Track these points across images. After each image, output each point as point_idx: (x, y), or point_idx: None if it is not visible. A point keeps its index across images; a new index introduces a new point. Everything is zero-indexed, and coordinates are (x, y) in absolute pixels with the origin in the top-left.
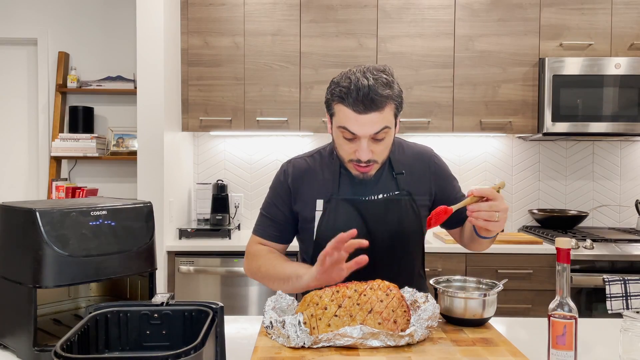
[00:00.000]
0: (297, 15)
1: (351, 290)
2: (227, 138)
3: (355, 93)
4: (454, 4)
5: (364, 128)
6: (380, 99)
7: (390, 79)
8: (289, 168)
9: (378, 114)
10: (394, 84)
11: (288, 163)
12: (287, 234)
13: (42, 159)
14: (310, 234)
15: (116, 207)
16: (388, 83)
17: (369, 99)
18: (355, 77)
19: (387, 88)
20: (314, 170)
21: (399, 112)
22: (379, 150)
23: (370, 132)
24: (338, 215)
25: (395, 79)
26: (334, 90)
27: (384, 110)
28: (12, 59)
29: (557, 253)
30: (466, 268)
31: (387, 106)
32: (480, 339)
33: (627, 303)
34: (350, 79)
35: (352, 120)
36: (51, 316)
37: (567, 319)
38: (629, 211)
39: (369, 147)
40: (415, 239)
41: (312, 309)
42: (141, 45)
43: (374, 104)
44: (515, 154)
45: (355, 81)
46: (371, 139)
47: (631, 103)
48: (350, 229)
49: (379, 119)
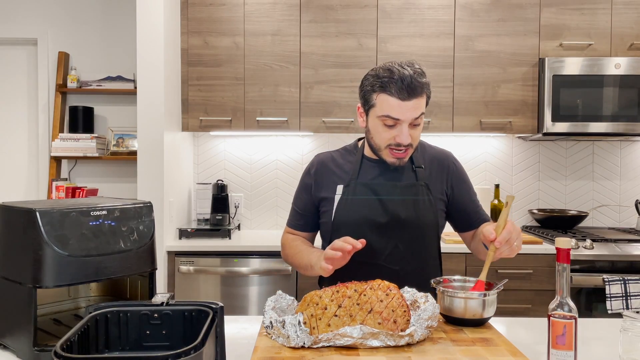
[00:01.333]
0: (297, 15)
1: (351, 290)
2: (227, 138)
3: (400, 82)
4: (454, 4)
5: (407, 113)
6: (421, 86)
7: (424, 71)
8: (314, 160)
9: (418, 100)
10: (426, 75)
11: (315, 157)
12: (312, 223)
13: (42, 159)
14: (329, 216)
15: (116, 207)
16: (423, 73)
17: (412, 87)
18: (396, 68)
19: (424, 77)
20: (337, 161)
21: (428, 102)
22: (415, 135)
23: (412, 116)
24: (356, 198)
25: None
26: (374, 82)
27: (423, 97)
28: (12, 59)
29: (557, 253)
30: (466, 268)
31: (424, 93)
32: (480, 339)
33: (627, 303)
34: (391, 71)
35: (395, 107)
36: (51, 316)
37: (567, 319)
38: (628, 211)
39: (409, 132)
40: (429, 227)
41: (312, 308)
42: (141, 45)
43: (416, 90)
44: (515, 154)
45: (398, 72)
46: (410, 124)
47: (631, 103)
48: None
49: (419, 105)
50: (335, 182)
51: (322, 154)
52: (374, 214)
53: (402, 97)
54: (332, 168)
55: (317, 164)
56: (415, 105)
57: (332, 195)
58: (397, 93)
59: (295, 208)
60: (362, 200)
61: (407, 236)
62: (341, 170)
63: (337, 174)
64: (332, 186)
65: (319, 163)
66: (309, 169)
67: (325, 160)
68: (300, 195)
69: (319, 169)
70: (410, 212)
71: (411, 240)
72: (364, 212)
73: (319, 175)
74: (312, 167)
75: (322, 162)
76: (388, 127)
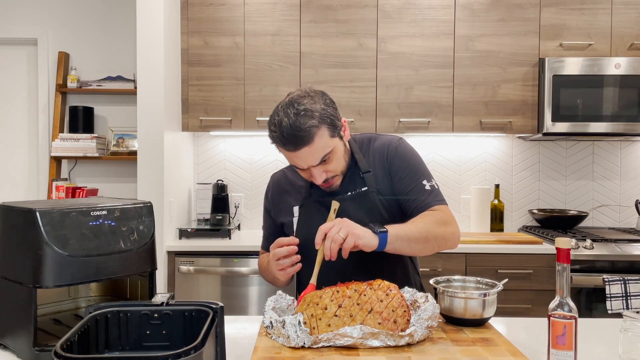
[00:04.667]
0: (297, 15)
1: (351, 290)
2: (227, 138)
3: (280, 134)
4: (454, 4)
5: (305, 161)
6: (304, 134)
7: (311, 107)
8: (270, 183)
9: (309, 147)
10: (315, 110)
11: (271, 177)
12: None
13: (42, 159)
14: None
15: (116, 207)
16: (308, 112)
17: (295, 137)
18: (279, 117)
19: (309, 119)
20: (291, 181)
21: (336, 128)
22: (332, 167)
23: (312, 163)
24: (312, 218)
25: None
26: (269, 134)
27: (314, 141)
28: (12, 59)
29: (557, 253)
30: (466, 268)
31: (316, 135)
32: (480, 339)
33: (627, 303)
34: (274, 120)
35: (291, 158)
36: (51, 316)
37: (567, 319)
38: (629, 211)
39: (319, 171)
40: None
41: (312, 309)
42: (141, 45)
43: (301, 140)
44: (515, 154)
45: (279, 122)
46: (319, 165)
47: (631, 103)
48: None
49: (313, 150)
50: (290, 204)
51: (276, 174)
52: None
53: (290, 149)
54: (286, 188)
55: (272, 187)
56: (311, 152)
57: (290, 218)
58: (284, 146)
59: (264, 232)
60: (317, 219)
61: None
62: (294, 188)
63: (292, 194)
64: (288, 209)
65: (273, 185)
66: (266, 193)
67: (279, 180)
68: (265, 218)
69: (274, 192)
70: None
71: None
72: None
73: (275, 199)
74: (268, 190)
75: (277, 183)
76: (300, 170)
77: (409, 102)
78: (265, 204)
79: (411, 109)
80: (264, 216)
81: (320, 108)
